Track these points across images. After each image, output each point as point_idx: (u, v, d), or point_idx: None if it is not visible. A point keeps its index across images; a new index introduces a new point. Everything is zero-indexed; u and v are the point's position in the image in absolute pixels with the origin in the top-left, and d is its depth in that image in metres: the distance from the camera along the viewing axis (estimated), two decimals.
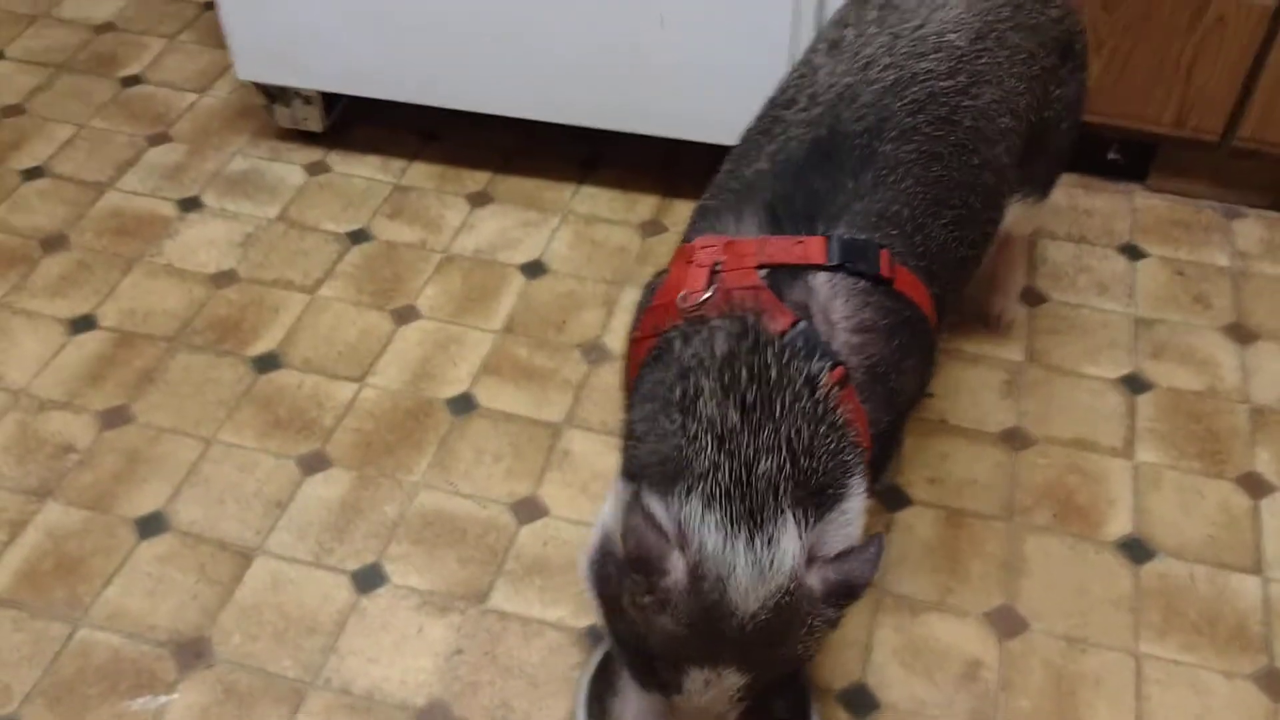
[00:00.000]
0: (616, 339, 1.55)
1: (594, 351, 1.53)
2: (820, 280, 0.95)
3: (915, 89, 1.06)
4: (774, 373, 0.90)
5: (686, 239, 1.05)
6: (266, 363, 1.51)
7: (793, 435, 0.88)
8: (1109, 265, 1.65)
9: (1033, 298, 1.61)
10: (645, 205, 1.76)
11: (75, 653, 1.21)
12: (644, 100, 1.62)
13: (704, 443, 0.88)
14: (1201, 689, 1.20)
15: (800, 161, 1.02)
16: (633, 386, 1.00)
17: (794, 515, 0.86)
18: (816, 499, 0.89)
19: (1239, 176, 1.73)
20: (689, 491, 0.86)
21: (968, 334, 1.55)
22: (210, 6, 2.10)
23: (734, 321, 0.92)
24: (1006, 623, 1.25)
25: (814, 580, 0.87)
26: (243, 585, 1.28)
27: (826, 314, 0.95)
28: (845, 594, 0.87)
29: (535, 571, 1.29)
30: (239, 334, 1.55)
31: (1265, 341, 1.55)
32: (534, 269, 1.65)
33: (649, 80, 1.59)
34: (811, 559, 0.88)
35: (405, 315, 1.58)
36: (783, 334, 0.92)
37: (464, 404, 1.47)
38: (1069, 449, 1.42)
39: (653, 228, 1.72)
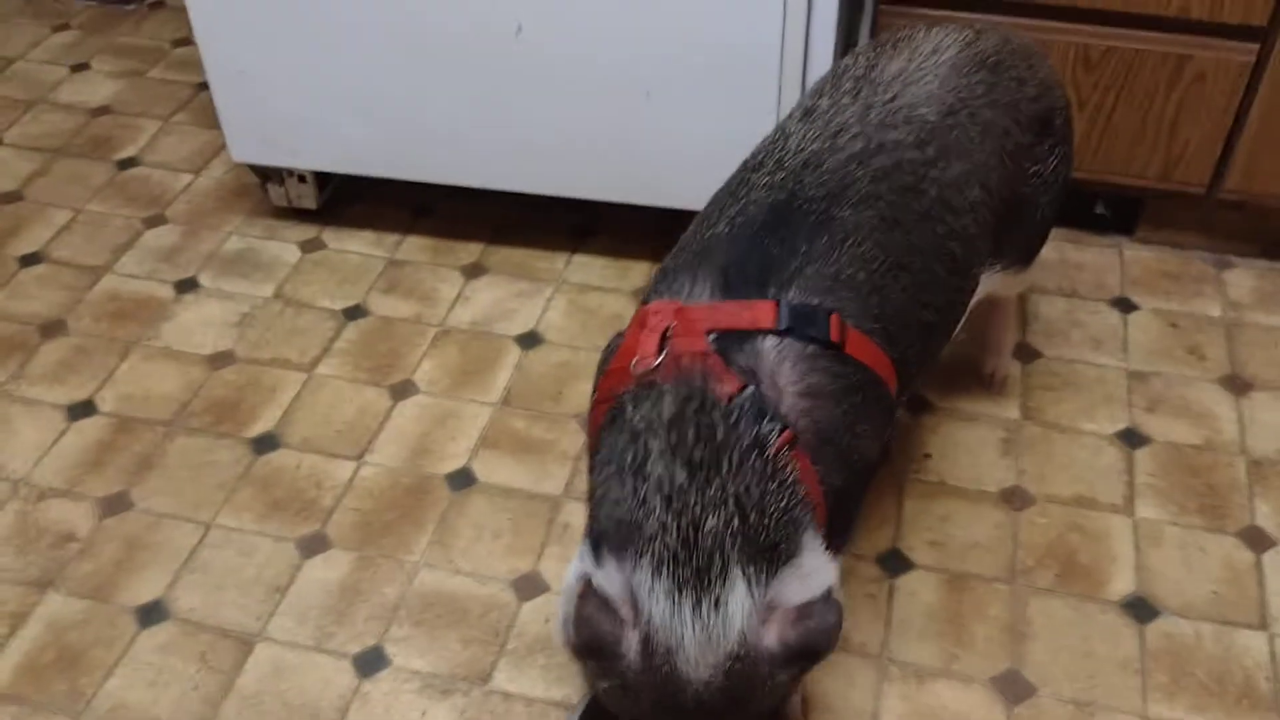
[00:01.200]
0: None
1: None
2: (768, 345, 0.96)
3: (881, 158, 1.08)
4: (720, 433, 0.91)
5: (645, 300, 1.06)
6: (264, 443, 1.52)
7: (741, 492, 0.89)
8: (1101, 319, 1.66)
9: (1026, 354, 1.61)
10: (638, 272, 1.77)
11: None
12: (633, 171, 1.64)
13: (653, 504, 0.89)
14: None
15: (757, 225, 1.03)
16: (593, 450, 1.01)
17: (743, 572, 0.87)
18: (768, 555, 0.89)
19: (1227, 227, 1.74)
20: (640, 555, 0.88)
21: (964, 393, 1.56)
22: (205, 88, 2.13)
23: (682, 386, 0.93)
24: (1014, 688, 1.24)
25: (771, 640, 0.87)
26: (244, 673, 1.27)
27: (774, 379, 0.96)
28: (805, 655, 0.88)
29: (538, 650, 1.29)
30: (237, 415, 1.55)
31: (1260, 392, 1.55)
32: (530, 340, 1.66)
33: (637, 152, 1.61)
34: (769, 617, 0.88)
35: (403, 391, 1.59)
36: (730, 399, 0.93)
37: (463, 479, 1.47)
38: (1069, 507, 1.41)
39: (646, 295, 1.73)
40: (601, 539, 0.92)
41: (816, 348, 0.97)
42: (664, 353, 0.96)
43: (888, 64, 1.17)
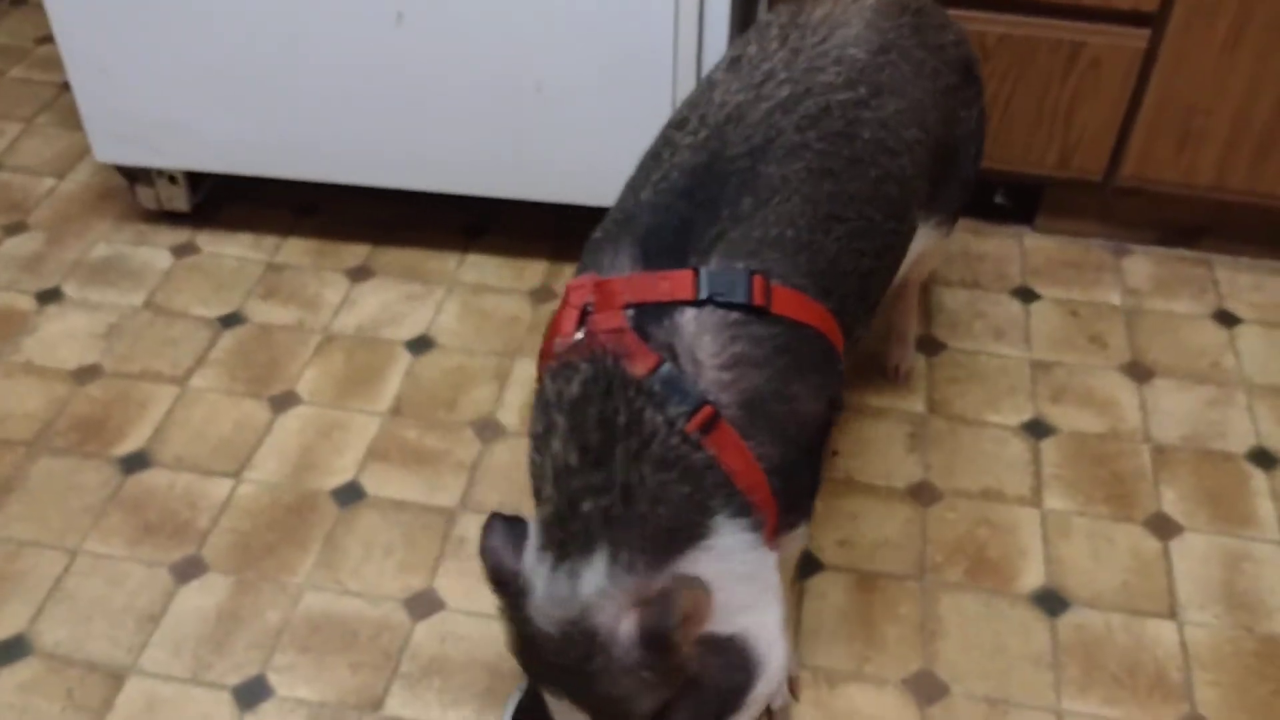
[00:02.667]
0: (511, 414, 1.49)
1: (488, 429, 1.47)
2: (687, 317, 0.93)
3: (809, 103, 1.04)
4: (622, 419, 0.89)
5: (575, 276, 1.02)
6: (134, 463, 1.42)
7: (634, 481, 0.88)
8: (1003, 309, 1.65)
9: (931, 346, 1.59)
10: (535, 271, 1.70)
11: None
12: (525, 166, 1.57)
13: (547, 475, 0.91)
14: None
15: (678, 191, 0.99)
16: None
17: (611, 555, 0.87)
18: (658, 542, 0.88)
19: (1125, 214, 1.74)
20: (536, 519, 0.92)
21: (870, 388, 1.53)
22: (69, 87, 2.01)
23: (593, 365, 0.91)
24: (926, 688, 1.21)
25: (628, 625, 0.86)
26: (115, 710, 1.18)
27: (693, 352, 0.92)
28: (651, 638, 0.85)
29: (433, 671, 1.21)
30: (104, 433, 1.45)
31: (1162, 378, 1.55)
32: (421, 344, 1.59)
33: (529, 147, 1.55)
34: (642, 601, 0.87)
35: (284, 402, 1.50)
36: (642, 378, 0.90)
37: (350, 494, 1.39)
38: (977, 501, 1.39)
39: (544, 295, 1.67)
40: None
41: (739, 314, 0.94)
42: (583, 329, 0.94)
43: (814, 9, 1.15)
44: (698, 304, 0.93)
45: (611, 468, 0.88)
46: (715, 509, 0.90)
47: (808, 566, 1.32)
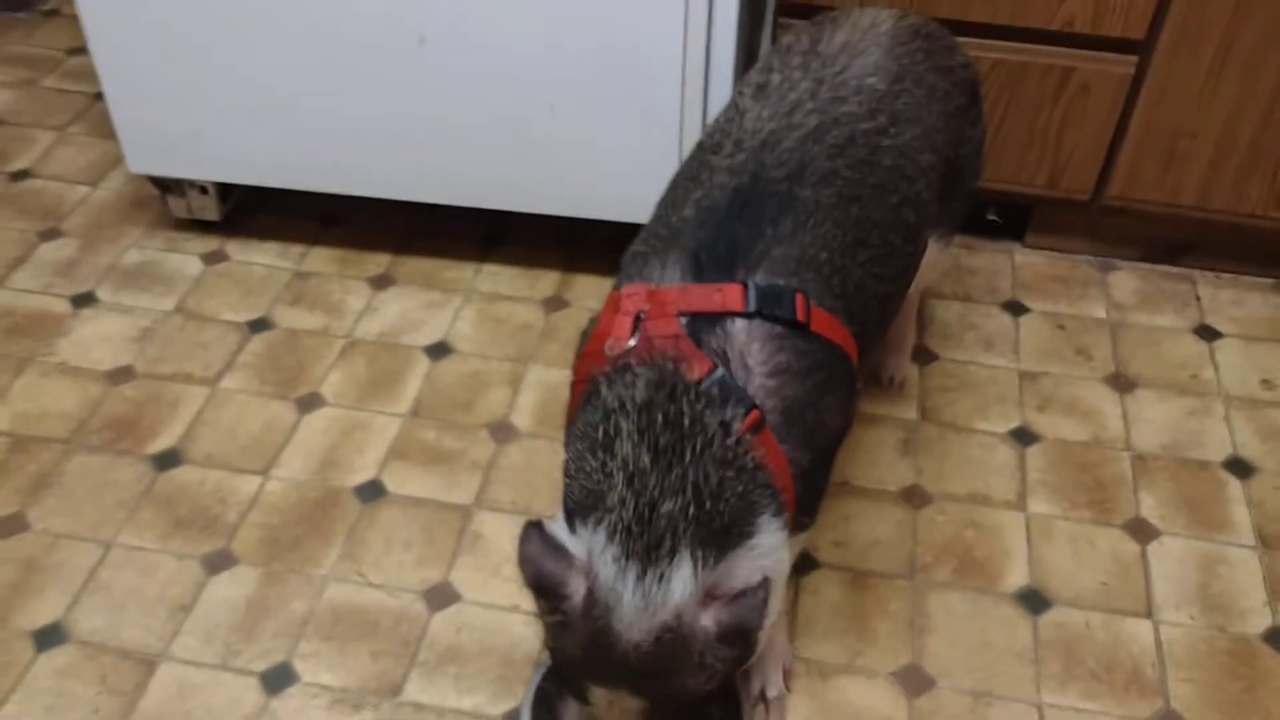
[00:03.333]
0: (524, 417, 1.56)
1: (502, 431, 1.54)
2: (738, 327, 1.00)
3: (836, 132, 1.12)
4: (687, 420, 0.95)
5: (617, 285, 1.09)
6: (167, 460, 1.49)
7: (700, 480, 0.94)
8: (993, 322, 1.72)
9: (924, 356, 1.66)
10: (548, 281, 1.78)
11: None
12: (539, 181, 1.65)
13: (616, 480, 0.94)
14: None
15: (723, 209, 1.07)
16: (569, 427, 1.06)
17: (691, 555, 0.92)
18: (720, 539, 0.94)
19: (1111, 232, 1.81)
20: (598, 523, 0.93)
21: (866, 395, 1.60)
22: (101, 98, 2.09)
23: (654, 369, 0.98)
24: (914, 681, 1.28)
25: (707, 621, 0.92)
26: (147, 695, 1.25)
27: (743, 360, 1.00)
28: (737, 635, 0.92)
29: (449, 660, 1.29)
30: (137, 432, 1.53)
31: (1143, 389, 1.62)
32: (439, 350, 1.66)
33: (542, 163, 1.62)
34: (711, 597, 0.93)
35: (309, 404, 1.58)
36: (699, 381, 0.97)
37: (372, 491, 1.46)
38: (965, 504, 1.46)
39: (556, 304, 1.74)
40: (574, 509, 0.97)
41: (783, 328, 1.01)
42: (637, 335, 1.00)
43: (831, 37, 1.21)
44: (747, 316, 1.00)
45: (684, 467, 0.93)
46: (761, 508, 0.96)
47: (804, 564, 1.39)
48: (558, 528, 0.97)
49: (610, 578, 0.92)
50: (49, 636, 1.30)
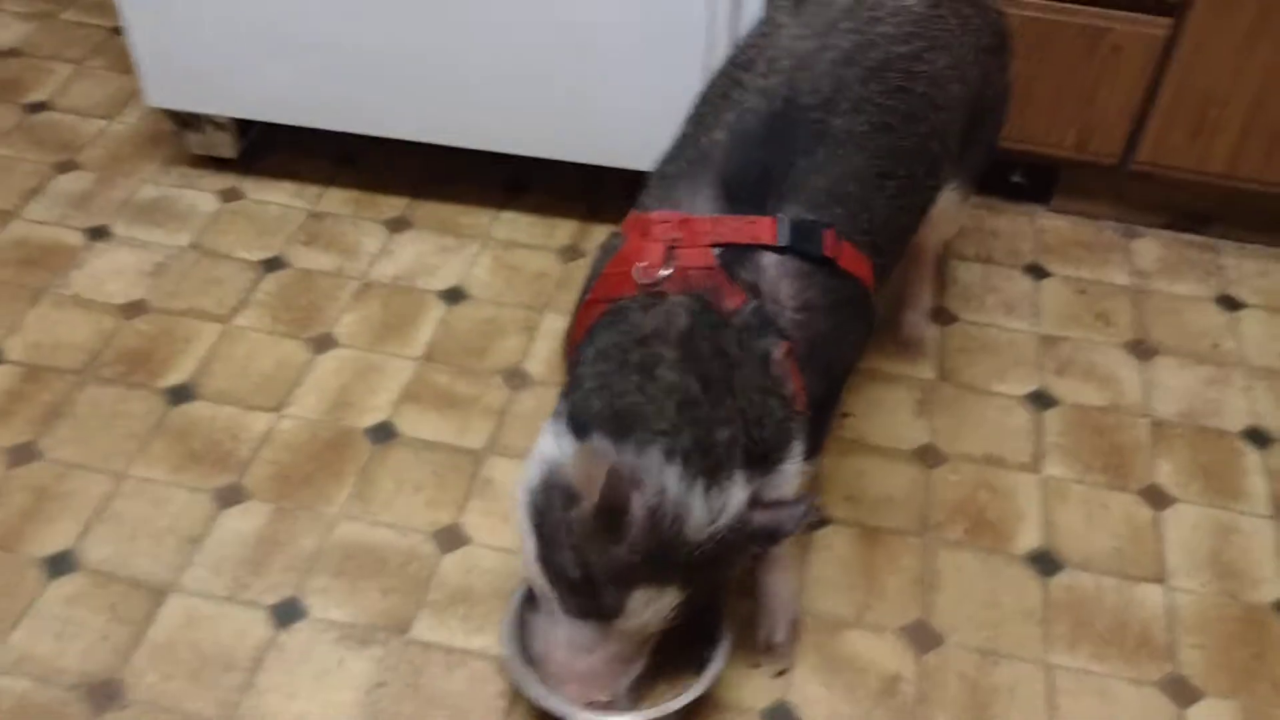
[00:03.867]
0: (538, 365, 1.55)
1: (516, 378, 1.54)
2: (770, 261, 1.02)
3: (872, 55, 1.10)
4: (733, 350, 0.99)
5: (641, 206, 1.09)
6: (179, 395, 1.49)
7: (747, 407, 0.98)
8: (1015, 285, 1.71)
9: (944, 317, 1.65)
10: (565, 230, 1.76)
11: None
12: (561, 127, 1.63)
13: (664, 407, 0.96)
14: (1110, 698, 1.23)
15: (755, 135, 1.06)
16: (577, 343, 1.06)
17: (744, 472, 0.98)
18: (763, 462, 1.00)
19: (1137, 198, 1.79)
20: (649, 444, 0.95)
21: (882, 354, 1.59)
22: (119, 31, 2.07)
23: (693, 299, 0.99)
24: (922, 637, 1.28)
25: (751, 520, 0.99)
26: (156, 624, 1.25)
27: (775, 294, 1.01)
28: (770, 537, 1.00)
29: (458, 601, 1.29)
30: (150, 366, 1.52)
31: (1164, 357, 1.61)
32: (454, 295, 1.65)
33: (564, 107, 1.60)
34: (753, 504, 1.00)
35: (323, 344, 1.57)
36: (735, 312, 0.99)
37: (384, 433, 1.46)
38: (979, 465, 1.45)
39: (572, 253, 1.73)
40: (591, 422, 0.98)
41: (812, 264, 1.02)
42: (671, 264, 1.00)
43: None
44: (779, 250, 1.01)
45: (734, 396, 0.97)
46: (793, 434, 1.01)
47: (815, 519, 1.38)
48: (609, 448, 0.97)
49: (681, 493, 0.95)
50: (60, 564, 1.30)
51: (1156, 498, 1.43)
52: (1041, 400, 1.54)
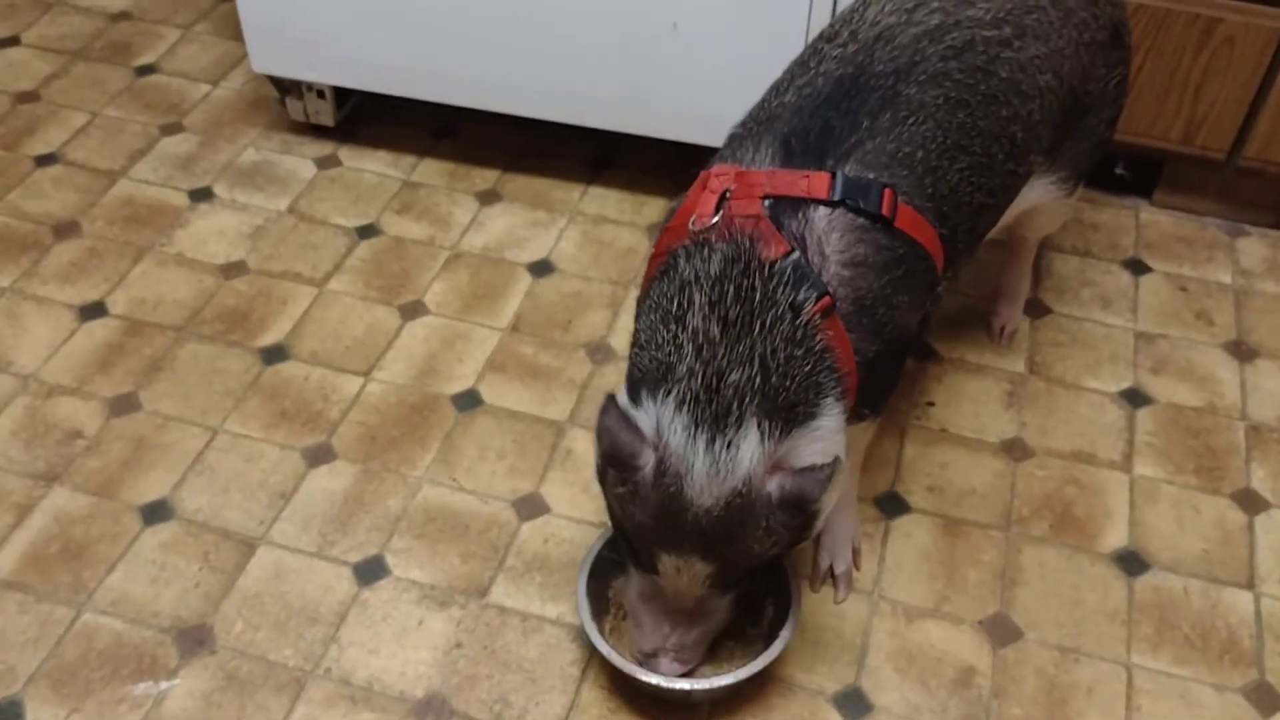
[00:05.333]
0: (621, 340, 1.56)
1: (599, 352, 1.55)
2: (819, 214, 1.01)
3: (956, 35, 1.10)
4: (759, 295, 0.97)
5: (710, 165, 1.10)
6: (274, 354, 1.53)
7: (767, 353, 0.96)
8: (1113, 279, 1.67)
9: (1036, 310, 1.62)
10: (653, 207, 1.77)
11: (79, 637, 1.23)
12: (655, 103, 1.63)
13: (686, 351, 0.97)
14: (1192, 701, 1.21)
15: (823, 97, 1.06)
16: (643, 299, 1.08)
17: (758, 425, 0.95)
18: (786, 414, 0.97)
19: (1244, 195, 1.74)
20: (668, 394, 0.96)
21: (971, 344, 1.57)
22: None
23: (731, 245, 0.99)
24: (1001, 631, 1.26)
25: (772, 487, 0.96)
26: (246, 574, 1.29)
27: (821, 247, 1.00)
28: (796, 505, 0.96)
29: (535, 568, 1.30)
30: (247, 325, 1.56)
31: (1265, 360, 1.56)
32: (541, 268, 1.67)
33: (661, 83, 1.60)
34: (777, 468, 0.97)
35: (413, 311, 1.59)
36: (774, 262, 0.98)
37: (469, 401, 1.48)
38: (1068, 461, 1.43)
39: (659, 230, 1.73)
40: (640, 380, 1.00)
41: (866, 220, 1.01)
42: (720, 213, 1.01)
43: None
44: (831, 204, 1.00)
45: (752, 339, 0.95)
46: (826, 390, 0.99)
47: (895, 507, 1.37)
48: (636, 412, 0.99)
49: (681, 445, 0.95)
50: (156, 512, 1.35)
51: (1250, 502, 1.39)
52: (1135, 398, 1.51)
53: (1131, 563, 1.33)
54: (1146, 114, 1.64)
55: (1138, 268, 1.69)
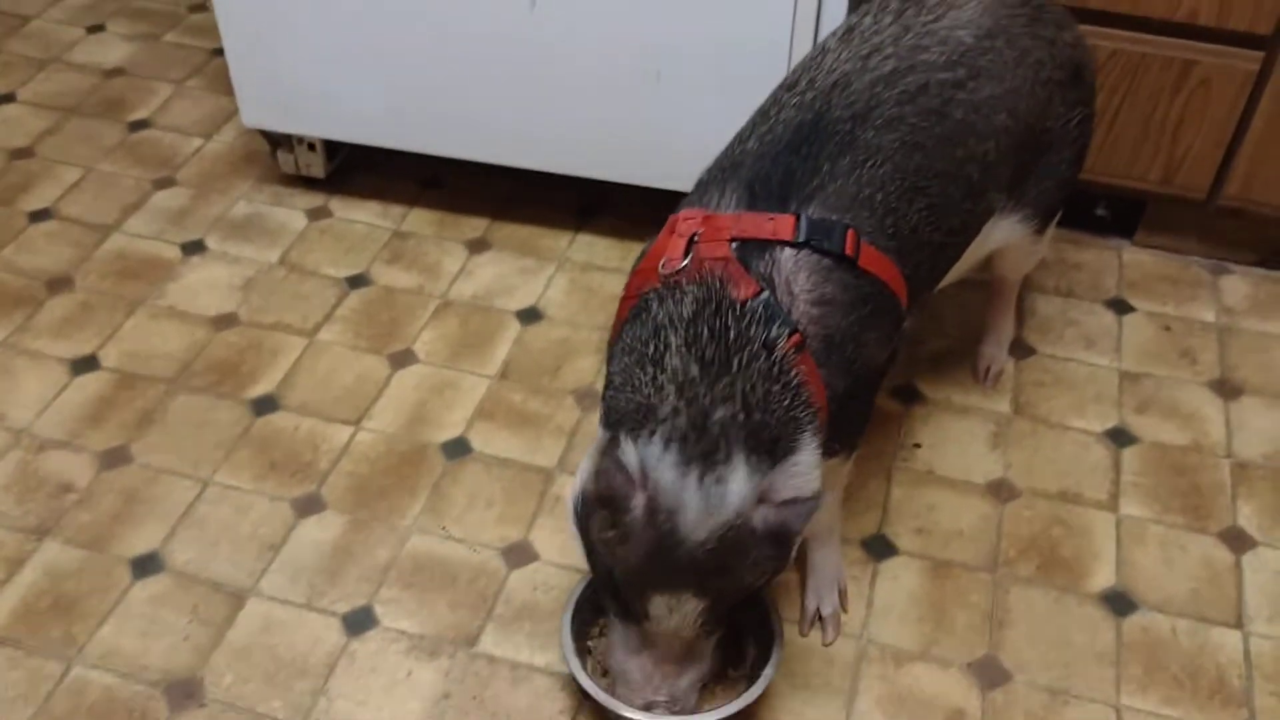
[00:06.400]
0: None
1: (588, 398, 1.56)
2: (786, 255, 1.03)
3: (910, 79, 1.13)
4: (733, 334, 0.99)
5: (677, 210, 1.12)
6: (264, 405, 1.54)
7: (747, 389, 0.98)
8: (1096, 319, 1.68)
9: (1021, 350, 1.63)
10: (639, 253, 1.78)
11: (69, 691, 1.23)
12: (640, 152, 1.65)
13: (667, 391, 0.98)
14: None
15: (784, 143, 1.09)
16: (614, 342, 1.10)
17: (745, 459, 0.97)
18: (770, 448, 0.99)
19: (1225, 234, 1.76)
20: (652, 434, 0.98)
21: (957, 385, 1.58)
22: (219, 53, 2.15)
23: (702, 287, 1.01)
24: (990, 673, 1.26)
25: (756, 520, 0.98)
26: (235, 626, 1.29)
27: (789, 286, 1.03)
28: (780, 537, 0.98)
29: (525, 616, 1.31)
30: (238, 376, 1.57)
31: (1250, 397, 1.57)
32: (530, 315, 1.68)
33: (645, 133, 1.63)
34: (761, 500, 0.98)
35: (402, 359, 1.61)
36: (745, 302, 1.00)
37: (458, 448, 1.49)
38: (1054, 501, 1.43)
39: None
40: (620, 422, 1.01)
41: (831, 260, 1.04)
42: (689, 256, 1.03)
43: None
44: (796, 245, 1.03)
45: (731, 376, 0.97)
46: (803, 424, 1.00)
47: (882, 550, 1.38)
48: (624, 445, 1.00)
49: (672, 483, 0.96)
50: (146, 565, 1.35)
51: (1237, 540, 1.40)
52: (1120, 437, 1.51)
53: (1119, 603, 1.33)
54: (1125, 156, 1.67)
55: (1121, 307, 1.70)
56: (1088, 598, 1.33)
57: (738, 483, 0.97)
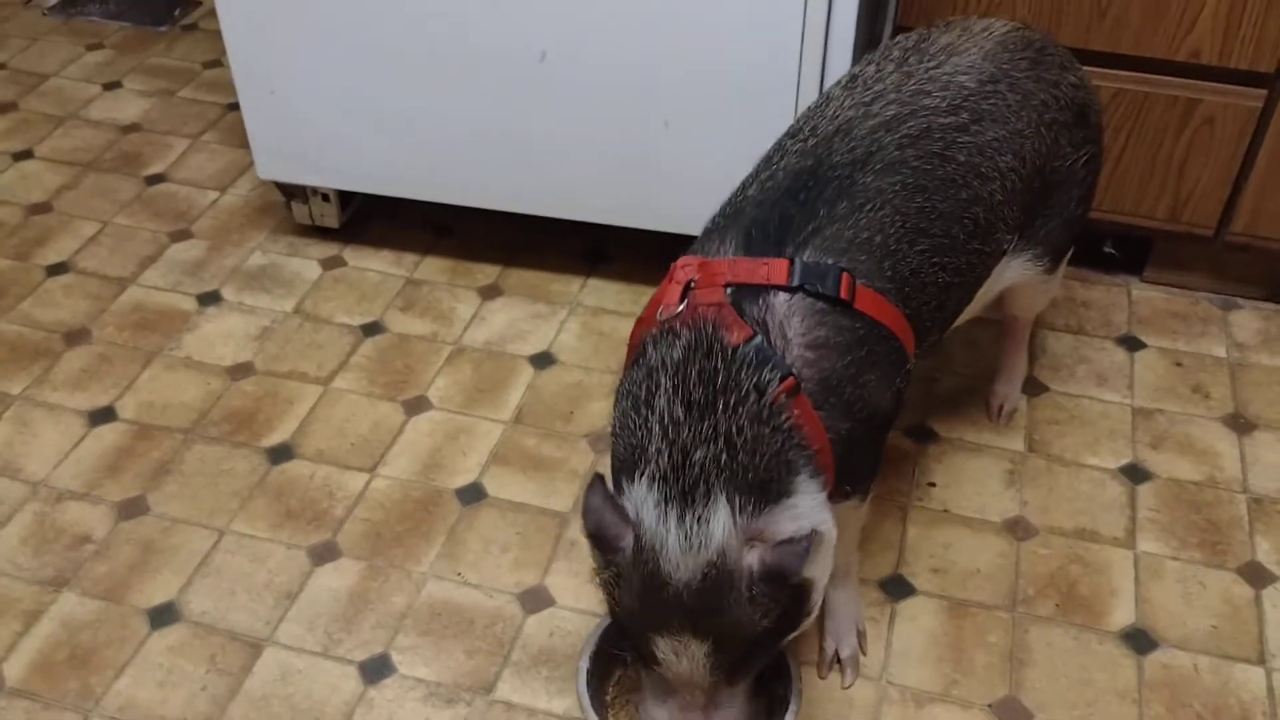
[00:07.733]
0: None
1: (601, 441, 1.56)
2: (779, 300, 1.04)
3: (912, 123, 1.14)
4: (721, 378, 1.00)
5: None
6: (280, 454, 1.54)
7: (733, 431, 0.98)
8: (1107, 356, 1.68)
9: (1033, 388, 1.63)
10: (650, 296, 1.79)
11: None
12: (649, 197, 1.67)
13: (654, 432, 1.00)
14: None
15: (782, 190, 1.11)
16: (619, 387, 1.11)
17: (728, 499, 0.97)
18: (759, 490, 0.99)
19: (1234, 269, 1.76)
20: (640, 475, 0.99)
21: (971, 423, 1.58)
22: (233, 108, 2.18)
23: (695, 332, 1.02)
24: (1011, 714, 1.25)
25: (751, 560, 0.97)
26: (252, 676, 1.29)
27: (783, 330, 1.03)
28: (777, 577, 0.97)
29: (541, 662, 1.30)
30: (254, 426, 1.58)
31: (1263, 431, 1.57)
32: (543, 360, 1.69)
33: (654, 178, 1.64)
34: (755, 542, 0.98)
35: (416, 406, 1.62)
36: (736, 346, 1.01)
37: (473, 494, 1.49)
38: (1071, 539, 1.43)
39: None
40: (619, 468, 1.03)
41: (826, 304, 1.05)
42: (685, 302, 1.05)
43: (938, 37, 1.24)
44: (790, 290, 1.04)
45: (715, 418, 0.98)
46: (798, 467, 1.00)
47: (900, 590, 1.37)
48: (618, 485, 1.02)
49: (654, 521, 0.97)
50: (163, 615, 1.35)
51: (1256, 575, 1.39)
52: (1135, 474, 1.51)
53: (1140, 640, 1.32)
54: (1132, 194, 1.68)
55: (1132, 344, 1.71)
56: (1108, 635, 1.32)
57: (720, 522, 0.96)
